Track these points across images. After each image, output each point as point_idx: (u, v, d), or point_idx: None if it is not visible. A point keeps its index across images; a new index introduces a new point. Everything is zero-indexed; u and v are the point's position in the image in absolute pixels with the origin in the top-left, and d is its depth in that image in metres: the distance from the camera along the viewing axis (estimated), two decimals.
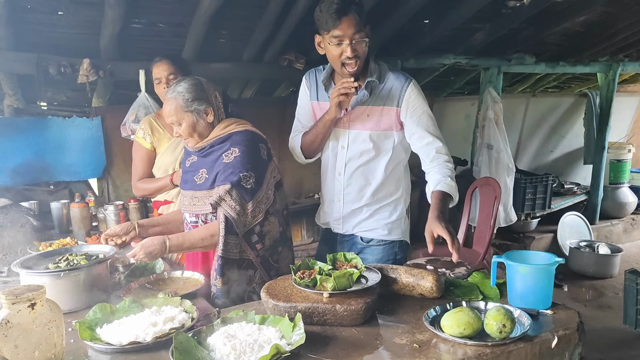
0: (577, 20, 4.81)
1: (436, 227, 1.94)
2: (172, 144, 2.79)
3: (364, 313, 1.62)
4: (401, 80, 2.23)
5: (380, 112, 2.24)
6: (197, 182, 2.17)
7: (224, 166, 2.09)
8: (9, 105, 4.15)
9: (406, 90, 2.21)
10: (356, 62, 2.12)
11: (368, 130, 2.26)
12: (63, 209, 3.16)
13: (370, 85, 2.22)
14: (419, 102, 2.22)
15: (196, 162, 2.22)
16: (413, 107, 2.21)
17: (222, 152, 2.13)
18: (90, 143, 4.15)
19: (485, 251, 3.82)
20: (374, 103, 2.25)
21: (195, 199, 2.17)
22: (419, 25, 4.50)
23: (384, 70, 2.26)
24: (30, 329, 1.28)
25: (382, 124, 2.25)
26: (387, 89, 2.23)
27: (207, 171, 2.16)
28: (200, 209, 2.16)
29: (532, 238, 5.87)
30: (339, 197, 2.36)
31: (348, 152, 2.31)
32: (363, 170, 2.30)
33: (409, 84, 2.22)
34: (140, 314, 1.68)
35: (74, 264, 1.94)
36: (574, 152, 7.49)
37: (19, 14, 3.23)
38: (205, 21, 3.53)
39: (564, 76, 6.78)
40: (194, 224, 2.21)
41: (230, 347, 1.42)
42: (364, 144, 2.27)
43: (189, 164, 2.26)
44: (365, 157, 2.29)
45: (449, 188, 2.16)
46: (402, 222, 2.40)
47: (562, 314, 1.68)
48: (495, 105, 5.24)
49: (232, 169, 2.07)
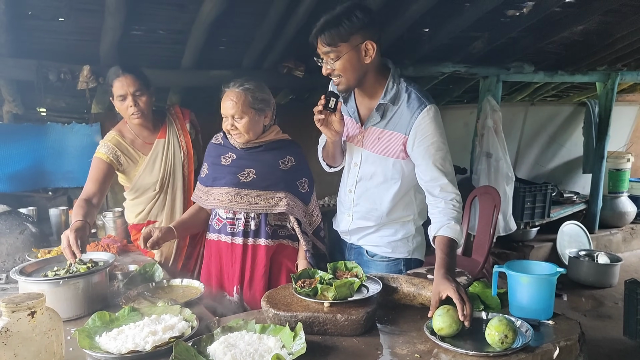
0: (575, 30, 4.83)
1: (446, 288, 1.71)
2: (149, 164, 2.68)
3: (364, 323, 1.61)
4: (414, 106, 2.05)
5: (390, 138, 2.11)
6: (242, 180, 2.26)
7: (283, 173, 2.29)
8: (8, 111, 4.15)
9: (417, 118, 2.04)
10: (338, 78, 2.05)
11: (377, 153, 2.16)
12: (62, 216, 3.14)
13: (382, 108, 2.11)
14: (430, 131, 2.04)
15: (238, 160, 2.30)
16: (422, 136, 2.04)
17: (278, 159, 2.29)
18: (89, 149, 4.09)
19: (484, 260, 3.81)
20: (385, 127, 2.12)
21: (238, 196, 2.25)
22: (418, 33, 4.52)
23: (401, 91, 2.10)
24: (30, 337, 1.27)
25: (390, 150, 2.13)
26: (400, 113, 2.09)
27: (255, 172, 2.27)
28: (242, 206, 2.25)
29: (531, 247, 5.87)
30: (349, 212, 2.31)
31: (360, 171, 2.23)
32: (372, 193, 2.22)
33: (422, 111, 2.03)
34: (140, 322, 1.67)
35: (72, 271, 1.92)
36: (572, 161, 7.51)
37: (20, 21, 3.23)
38: (205, 28, 3.53)
39: (563, 85, 6.81)
40: (230, 220, 2.30)
41: (230, 356, 1.41)
42: (373, 166, 2.19)
43: (227, 161, 2.31)
44: (375, 181, 2.21)
45: (453, 233, 1.97)
46: (410, 240, 2.29)
47: (564, 325, 1.67)
48: (494, 114, 5.25)
49: (291, 177, 2.31)
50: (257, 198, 2.25)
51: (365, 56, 2.03)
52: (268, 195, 2.26)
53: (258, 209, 2.25)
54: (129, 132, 2.72)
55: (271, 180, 2.26)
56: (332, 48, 1.99)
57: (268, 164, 2.29)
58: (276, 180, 2.27)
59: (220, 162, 2.32)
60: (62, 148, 4.04)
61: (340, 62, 2.01)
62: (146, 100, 2.59)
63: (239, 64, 4.28)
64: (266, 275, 2.30)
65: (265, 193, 2.26)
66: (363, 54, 2.02)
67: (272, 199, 2.26)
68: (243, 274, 2.31)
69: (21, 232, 2.56)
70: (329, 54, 2.01)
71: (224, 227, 2.32)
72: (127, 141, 2.70)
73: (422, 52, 4.73)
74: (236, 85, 2.22)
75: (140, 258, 2.69)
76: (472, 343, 1.53)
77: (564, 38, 5.03)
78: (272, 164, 2.29)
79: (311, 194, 2.40)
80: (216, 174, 2.32)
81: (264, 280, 2.29)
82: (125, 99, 2.56)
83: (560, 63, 5.72)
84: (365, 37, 2.00)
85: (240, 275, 2.30)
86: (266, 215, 2.28)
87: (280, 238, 2.33)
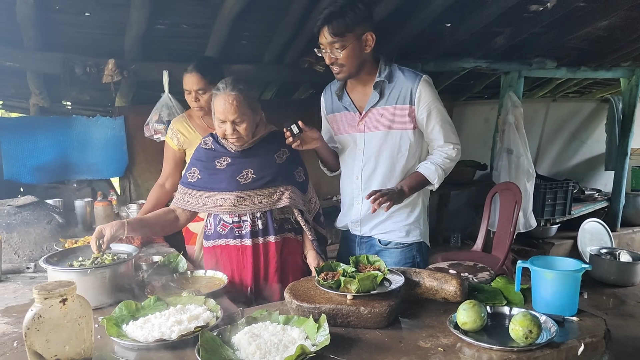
0: (599, 25, 4.75)
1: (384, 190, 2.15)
2: None
3: (387, 316, 1.62)
4: (412, 78, 2.24)
5: (393, 112, 2.26)
6: (242, 182, 2.19)
7: (279, 167, 2.24)
8: (35, 104, 4.23)
9: (417, 87, 2.22)
10: (340, 67, 2.21)
11: (383, 130, 2.29)
12: (87, 207, 3.20)
13: (380, 86, 2.26)
14: (430, 97, 2.23)
15: (234, 162, 2.21)
16: (424, 103, 2.23)
17: (272, 153, 2.25)
18: (113, 142, 4.20)
19: (505, 257, 3.79)
20: (386, 103, 2.27)
21: (242, 199, 2.19)
22: (440, 28, 4.49)
23: (394, 70, 2.28)
24: (62, 324, 1.30)
25: (396, 123, 2.27)
26: (399, 87, 2.25)
27: (254, 171, 2.20)
28: (247, 208, 2.20)
29: (551, 244, 5.82)
30: (358, 199, 2.39)
31: (365, 155, 2.34)
32: (380, 172, 2.32)
33: (420, 80, 2.23)
34: (165, 311, 1.70)
35: (98, 262, 1.97)
36: (594, 158, 7.41)
37: (47, 15, 3.29)
38: (228, 23, 3.55)
39: (585, 81, 6.71)
40: (237, 224, 2.23)
41: (255, 346, 1.43)
42: (380, 145, 2.30)
43: (223, 165, 2.22)
44: (381, 159, 2.31)
45: (426, 170, 2.27)
46: (421, 223, 2.40)
47: (589, 321, 1.66)
48: (515, 110, 5.21)
49: (288, 169, 2.27)
50: (260, 197, 2.20)
51: (366, 46, 2.20)
52: (270, 191, 2.21)
53: (262, 207, 2.20)
54: (197, 116, 2.91)
55: (270, 176, 2.21)
56: (339, 38, 2.14)
57: (264, 161, 2.23)
58: (275, 175, 2.22)
59: (215, 167, 2.22)
60: (87, 141, 4.11)
61: (345, 51, 2.16)
62: (208, 99, 2.72)
63: (260, 58, 4.31)
64: (279, 272, 2.26)
65: (267, 190, 2.21)
66: (364, 44, 2.19)
67: (275, 195, 2.21)
68: (257, 274, 2.25)
69: (48, 222, 2.62)
70: (335, 44, 2.16)
71: (230, 231, 2.24)
72: (193, 123, 2.88)
73: (443, 47, 4.71)
74: (228, 87, 2.09)
75: (164, 250, 2.73)
76: (496, 338, 1.53)
77: (587, 33, 4.95)
78: (268, 159, 2.24)
79: (307, 182, 2.38)
80: (211, 178, 2.22)
81: (277, 276, 2.26)
82: (190, 93, 2.76)
83: (583, 59, 5.63)
84: (366, 28, 2.18)
85: (254, 276, 2.24)
86: (271, 212, 2.24)
87: (286, 232, 2.28)
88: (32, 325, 1.27)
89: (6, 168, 3.64)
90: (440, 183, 2.31)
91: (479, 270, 2.14)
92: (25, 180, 3.89)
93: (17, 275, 2.33)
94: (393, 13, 3.70)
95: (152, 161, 4.11)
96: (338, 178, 2.54)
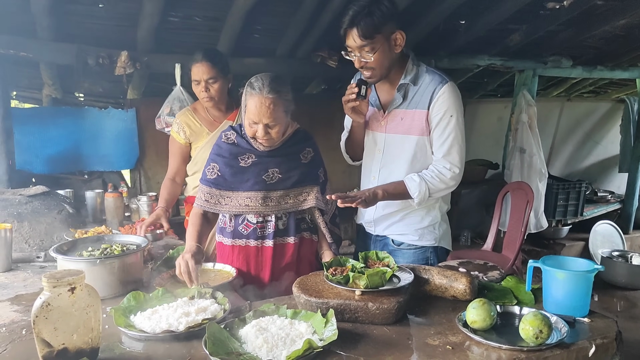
0: (617, 24, 4.67)
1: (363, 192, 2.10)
2: (211, 139, 2.73)
3: (396, 312, 1.61)
4: (435, 82, 2.13)
5: (413, 116, 2.18)
6: (268, 181, 2.12)
7: (305, 167, 2.19)
8: (48, 95, 4.25)
9: (438, 92, 2.11)
10: (371, 71, 2.11)
11: (401, 134, 2.22)
12: (97, 198, 3.22)
13: (404, 88, 2.18)
14: (447, 105, 2.12)
15: (260, 160, 2.13)
16: (440, 109, 2.13)
17: (298, 153, 2.19)
18: (124, 134, 4.22)
19: (515, 256, 3.75)
20: (408, 106, 2.19)
21: (268, 199, 2.12)
22: (455, 25, 4.45)
23: (421, 72, 2.18)
24: (70, 312, 1.30)
25: (415, 128, 2.19)
26: (422, 91, 2.16)
27: (279, 170, 2.13)
28: (273, 209, 2.13)
29: (562, 245, 5.76)
30: None
31: (384, 157, 2.29)
32: (396, 176, 2.24)
33: (443, 86, 2.12)
34: (173, 303, 1.70)
35: (107, 252, 1.97)
36: (608, 159, 7.32)
37: (61, 5, 3.29)
38: (241, 16, 3.54)
39: (601, 81, 6.62)
40: (260, 224, 2.15)
41: (262, 339, 1.42)
42: (398, 148, 2.24)
43: (247, 162, 2.13)
44: (398, 163, 2.25)
45: (410, 182, 2.16)
46: (436, 228, 2.34)
47: (600, 323, 1.64)
48: (529, 109, 5.15)
49: (312, 169, 2.22)
50: (286, 198, 2.14)
51: (396, 45, 2.09)
52: (296, 192, 2.16)
53: (288, 207, 2.15)
54: (202, 109, 2.87)
55: (296, 177, 2.16)
56: (369, 41, 2.02)
57: (290, 160, 2.17)
58: (301, 176, 2.17)
59: (239, 164, 2.13)
60: (99, 132, 4.13)
61: (376, 55, 2.05)
62: (218, 88, 2.72)
63: (273, 52, 4.29)
64: (293, 271, 2.19)
65: (294, 191, 2.16)
66: (393, 43, 2.08)
67: (300, 196, 2.17)
68: (274, 274, 2.18)
69: (59, 212, 2.63)
70: (365, 47, 2.04)
71: (253, 232, 2.16)
72: (198, 116, 2.85)
73: (457, 43, 4.66)
74: (266, 88, 1.97)
75: (173, 241, 2.74)
76: (505, 337, 1.51)
77: (604, 32, 4.88)
78: (293, 159, 2.18)
79: (326, 182, 2.30)
80: (235, 176, 2.13)
81: (292, 276, 2.15)
82: (199, 83, 2.71)
83: (599, 58, 5.56)
84: (394, 27, 2.06)
85: (271, 277, 2.18)
86: (294, 212, 2.18)
87: (302, 231, 2.22)
88: (40, 313, 1.27)
89: (19, 158, 3.66)
90: (422, 201, 2.18)
91: (489, 269, 2.12)
92: (37, 170, 3.92)
93: (27, 264, 2.34)
94: (408, 8, 3.66)
95: (163, 154, 4.09)
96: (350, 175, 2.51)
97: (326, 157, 2.42)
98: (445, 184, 2.18)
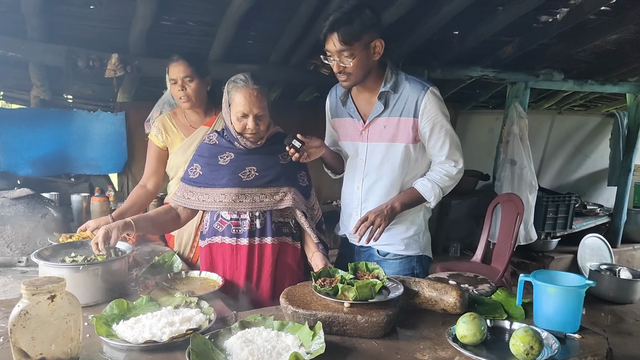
0: (609, 39, 4.71)
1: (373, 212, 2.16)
2: (184, 145, 2.72)
3: (385, 325, 1.58)
4: (418, 89, 2.15)
5: (397, 124, 2.19)
6: (244, 179, 2.16)
7: (283, 167, 2.21)
8: (36, 96, 4.20)
9: (422, 100, 2.13)
10: (347, 76, 2.13)
11: (386, 142, 2.22)
12: (83, 202, 3.16)
13: (384, 96, 2.19)
14: (434, 111, 2.14)
15: (238, 158, 2.18)
16: (428, 116, 2.14)
17: (277, 153, 2.21)
18: (113, 138, 4.16)
19: (504, 269, 3.74)
20: (390, 114, 2.20)
21: (242, 196, 2.15)
22: (448, 35, 4.45)
23: (401, 80, 2.20)
24: (49, 321, 1.26)
25: (399, 136, 2.19)
26: (404, 99, 2.17)
27: (257, 169, 2.17)
28: (247, 206, 2.15)
29: (551, 258, 5.76)
30: (357, 211, 2.33)
31: (366, 166, 2.28)
32: (380, 185, 2.26)
33: (426, 93, 2.14)
34: (157, 312, 1.66)
35: (91, 258, 1.92)
36: (598, 172, 7.37)
37: (53, 6, 3.25)
38: (235, 21, 3.52)
39: (592, 95, 6.67)
40: (235, 221, 2.17)
41: (247, 352, 1.39)
42: (381, 156, 2.24)
43: (225, 160, 2.18)
44: (382, 172, 2.25)
45: (422, 187, 2.22)
46: (421, 237, 2.34)
47: (591, 339, 1.62)
48: (520, 121, 5.17)
49: (291, 171, 2.23)
50: (261, 196, 2.16)
51: (374, 53, 2.12)
52: (272, 191, 2.17)
53: (263, 206, 2.16)
54: (181, 114, 2.83)
55: (273, 176, 2.18)
56: (348, 47, 2.05)
57: (268, 160, 2.20)
58: (278, 175, 2.18)
59: (218, 162, 2.19)
60: (87, 135, 4.07)
61: (355, 60, 2.08)
62: (195, 87, 2.66)
63: (266, 58, 4.27)
64: (273, 275, 2.19)
65: (269, 189, 2.17)
66: (372, 51, 2.11)
67: (277, 195, 2.17)
68: (249, 276, 2.18)
69: (43, 216, 2.57)
70: (344, 52, 2.07)
71: (227, 229, 2.18)
72: (176, 121, 2.80)
73: (451, 54, 4.67)
74: (250, 80, 2.07)
75: (160, 248, 2.69)
76: (496, 352, 1.49)
77: (596, 46, 4.92)
78: (271, 159, 2.21)
79: (310, 187, 2.33)
80: (213, 174, 2.18)
81: (271, 280, 2.19)
82: (176, 82, 2.65)
83: (590, 72, 5.60)
84: (374, 35, 2.08)
85: (246, 277, 2.18)
86: (271, 213, 2.18)
87: (284, 236, 2.22)
88: (17, 322, 1.23)
89: (3, 159, 3.60)
90: (437, 201, 2.25)
91: (480, 282, 2.09)
92: (22, 172, 3.84)
93: (8, 268, 2.29)
94: (401, 19, 3.66)
95: None
96: (339, 182, 2.50)
97: (316, 165, 2.39)
98: (454, 180, 2.26)
